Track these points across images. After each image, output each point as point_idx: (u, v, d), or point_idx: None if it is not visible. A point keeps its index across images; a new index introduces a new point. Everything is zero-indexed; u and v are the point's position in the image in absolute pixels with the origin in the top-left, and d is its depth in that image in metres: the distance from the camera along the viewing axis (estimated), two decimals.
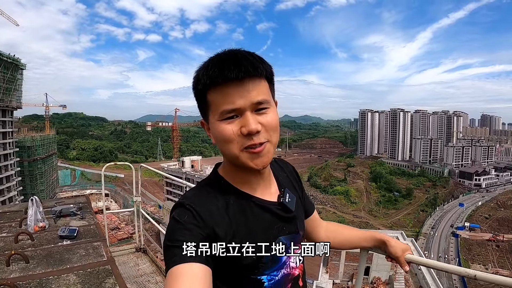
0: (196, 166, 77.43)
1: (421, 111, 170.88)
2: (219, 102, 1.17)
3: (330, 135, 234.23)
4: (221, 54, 1.20)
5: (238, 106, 1.15)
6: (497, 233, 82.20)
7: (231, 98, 1.15)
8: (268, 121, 1.19)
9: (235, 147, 1.18)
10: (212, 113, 1.20)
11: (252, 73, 1.16)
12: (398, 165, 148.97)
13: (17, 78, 64.94)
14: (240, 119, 1.17)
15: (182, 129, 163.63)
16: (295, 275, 1.35)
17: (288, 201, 1.36)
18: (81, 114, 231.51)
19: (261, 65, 1.19)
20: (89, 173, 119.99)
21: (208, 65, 1.18)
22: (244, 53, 1.20)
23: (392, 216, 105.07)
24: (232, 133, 1.16)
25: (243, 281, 1.22)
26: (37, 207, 4.26)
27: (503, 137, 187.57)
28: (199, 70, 1.21)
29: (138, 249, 5.99)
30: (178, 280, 1.00)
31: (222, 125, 1.17)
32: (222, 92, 1.15)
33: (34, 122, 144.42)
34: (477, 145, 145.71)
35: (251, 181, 1.31)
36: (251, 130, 1.14)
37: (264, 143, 1.19)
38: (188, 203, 1.18)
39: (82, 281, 2.89)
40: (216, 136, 1.21)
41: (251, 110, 1.17)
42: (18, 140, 67.96)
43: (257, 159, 1.20)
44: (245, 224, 1.22)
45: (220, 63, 1.15)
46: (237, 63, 1.14)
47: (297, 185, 1.55)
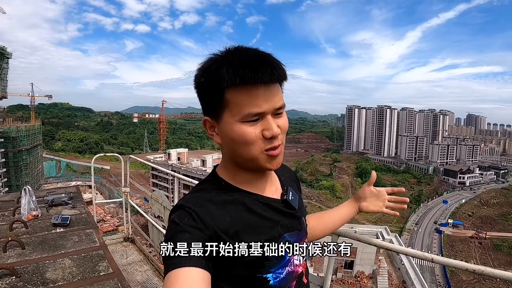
0: (183, 158, 77.13)
1: (408, 109, 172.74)
2: (243, 103, 1.13)
3: (317, 130, 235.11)
4: (246, 53, 1.16)
5: (264, 110, 1.14)
6: (480, 230, 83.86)
7: (258, 101, 1.13)
8: (283, 124, 1.20)
9: (256, 149, 1.17)
10: (231, 113, 1.15)
11: (280, 77, 1.16)
12: (384, 162, 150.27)
13: (2, 67, 63.99)
14: (262, 122, 1.15)
15: (169, 121, 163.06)
16: (299, 273, 1.35)
17: (291, 199, 1.36)
18: (67, 105, 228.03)
19: (285, 70, 1.19)
20: (75, 164, 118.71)
21: (234, 62, 1.12)
22: (269, 55, 1.17)
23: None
24: (255, 136, 1.15)
25: (249, 280, 1.20)
26: (30, 196, 4.37)
27: (488, 136, 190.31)
28: (220, 66, 1.13)
29: (126, 238, 6.10)
30: (175, 284, 0.98)
31: (243, 127, 1.15)
32: (249, 94, 1.12)
33: (19, 112, 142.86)
34: (462, 144, 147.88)
35: (254, 180, 1.30)
36: (275, 134, 1.15)
37: (280, 145, 1.20)
38: (188, 205, 1.15)
39: (77, 264, 3.05)
40: (233, 137, 1.17)
41: (272, 114, 1.17)
42: (3, 130, 66.77)
43: (274, 161, 1.21)
44: (249, 222, 1.21)
45: (251, 63, 1.11)
46: (269, 65, 1.12)
47: (296, 187, 1.55)
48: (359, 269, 27.80)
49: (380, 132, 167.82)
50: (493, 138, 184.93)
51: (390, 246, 2.08)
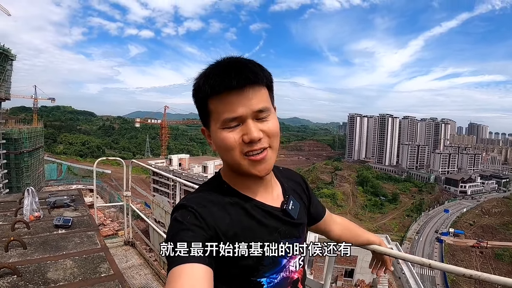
0: (184, 164, 77.06)
1: (410, 117, 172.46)
2: (220, 111, 1.18)
3: (318, 138, 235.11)
4: (221, 62, 1.21)
5: (240, 114, 1.16)
6: (481, 239, 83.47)
7: (232, 107, 1.16)
8: (269, 128, 1.21)
9: (237, 155, 1.20)
10: (214, 121, 1.22)
11: (252, 81, 1.17)
12: (385, 170, 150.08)
13: (6, 68, 64.25)
14: (242, 127, 1.18)
15: (171, 126, 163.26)
16: (294, 279, 1.37)
17: (291, 208, 1.38)
18: (69, 108, 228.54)
19: (261, 72, 1.21)
20: (76, 168, 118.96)
21: (208, 73, 1.19)
22: (244, 61, 1.21)
23: (378, 220, 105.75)
24: (234, 141, 1.18)
25: (243, 283, 1.23)
26: (32, 197, 4.39)
27: (490, 145, 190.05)
28: (199, 78, 1.22)
29: (127, 242, 6.09)
30: (179, 280, 1.00)
31: (223, 133, 1.19)
32: (223, 101, 1.16)
33: (22, 114, 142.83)
34: (463, 152, 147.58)
35: (253, 185, 1.32)
36: (253, 138, 1.17)
37: (265, 149, 1.21)
38: (190, 205, 1.18)
39: (78, 265, 3.06)
40: (218, 144, 1.22)
41: (253, 118, 1.18)
42: (5, 132, 67.17)
43: (259, 166, 1.22)
44: (248, 226, 1.24)
45: (221, 72, 1.16)
46: (238, 71, 1.15)
47: (303, 193, 1.58)
48: (359, 277, 27.69)
49: (382, 140, 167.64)
50: (494, 147, 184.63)
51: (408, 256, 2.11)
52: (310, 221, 1.61)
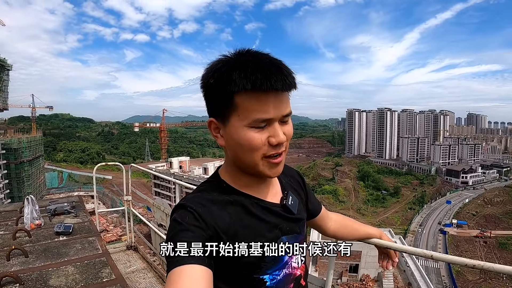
0: (184, 167, 77.13)
1: (408, 110, 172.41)
2: (252, 109, 1.13)
3: (317, 135, 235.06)
4: (259, 58, 1.15)
5: (272, 117, 1.14)
6: (484, 229, 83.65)
7: (267, 108, 1.13)
8: (289, 131, 1.21)
9: (259, 155, 1.17)
10: (239, 117, 1.15)
11: (292, 87, 1.16)
12: (386, 164, 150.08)
13: (3, 79, 64.35)
14: (268, 128, 1.16)
15: (170, 129, 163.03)
16: (296, 275, 1.36)
17: (290, 204, 1.37)
18: (67, 115, 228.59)
19: (295, 77, 1.18)
20: (77, 175, 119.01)
21: (246, 66, 1.11)
22: (281, 62, 1.18)
23: (380, 214, 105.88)
24: (261, 142, 1.15)
25: (245, 280, 1.22)
26: (33, 205, 4.40)
27: (489, 135, 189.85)
28: (231, 69, 1.12)
29: (129, 246, 6.11)
30: (178, 281, 0.99)
31: (251, 132, 1.15)
32: (260, 100, 1.12)
33: (20, 123, 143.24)
34: (463, 143, 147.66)
35: (254, 184, 1.32)
36: (281, 140, 1.16)
37: (283, 152, 1.21)
38: (189, 205, 1.17)
39: (80, 271, 3.07)
40: (239, 141, 1.17)
41: (279, 121, 1.17)
42: (4, 142, 67.03)
43: (274, 168, 1.22)
44: (248, 224, 1.23)
45: (264, 69, 1.11)
46: (282, 73, 1.12)
47: (300, 189, 1.58)
48: (364, 272, 27.64)
49: (381, 134, 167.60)
50: (494, 136, 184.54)
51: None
52: (307, 216, 1.58)
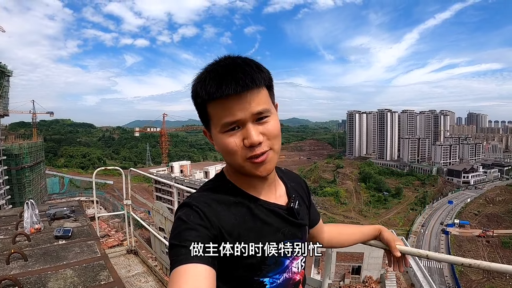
0: (185, 171, 77.23)
1: (408, 111, 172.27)
2: (219, 115, 1.16)
3: (318, 137, 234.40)
4: (217, 66, 1.18)
5: (239, 118, 1.15)
6: (487, 228, 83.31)
7: (231, 111, 1.14)
8: (269, 130, 1.20)
9: (239, 158, 1.19)
10: (214, 125, 1.20)
11: (250, 86, 1.14)
12: (387, 165, 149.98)
13: (3, 85, 64.34)
14: (242, 130, 1.17)
15: (171, 134, 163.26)
16: (296, 280, 1.36)
17: (297, 207, 1.37)
18: (68, 121, 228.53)
19: (259, 74, 1.18)
20: (78, 180, 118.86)
21: (205, 78, 1.16)
22: (241, 63, 1.18)
23: (382, 215, 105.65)
24: (235, 145, 1.17)
25: (246, 282, 1.22)
26: (32, 210, 4.44)
27: (490, 134, 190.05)
28: (196, 83, 1.20)
29: (129, 250, 6.11)
30: (181, 280, 1.00)
31: (224, 137, 1.18)
32: (222, 106, 1.14)
33: (21, 129, 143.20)
34: (464, 143, 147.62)
35: (256, 185, 1.32)
36: (253, 142, 1.15)
37: (267, 151, 1.20)
38: (195, 204, 1.17)
39: (78, 274, 3.11)
40: (220, 147, 1.22)
41: (252, 121, 1.17)
42: (5, 148, 67.23)
43: (260, 167, 1.21)
44: (252, 226, 1.23)
45: (218, 77, 1.13)
46: (235, 77, 1.13)
47: (305, 196, 1.58)
48: (367, 274, 27.63)
49: (382, 135, 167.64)
50: (495, 135, 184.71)
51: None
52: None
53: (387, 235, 1.86)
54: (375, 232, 1.91)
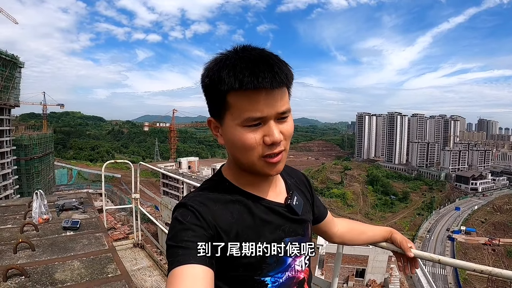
0: (193, 167, 77.65)
1: (418, 115, 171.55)
2: (244, 108, 1.09)
3: (327, 138, 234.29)
4: (249, 55, 1.10)
5: (265, 115, 1.10)
6: (493, 237, 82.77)
7: (259, 106, 1.08)
8: (287, 130, 1.16)
9: (255, 155, 1.14)
10: (232, 116, 1.12)
11: (284, 83, 1.11)
12: (395, 169, 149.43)
13: (15, 76, 64.78)
14: (263, 127, 1.12)
15: (180, 130, 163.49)
16: (300, 279, 1.32)
17: (295, 204, 1.34)
18: (78, 114, 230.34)
19: (289, 73, 1.14)
20: (86, 172, 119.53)
21: (235, 64, 1.08)
22: (273, 57, 1.12)
23: (389, 219, 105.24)
24: (255, 142, 1.11)
25: (246, 282, 1.19)
26: (41, 200, 4.43)
27: (500, 141, 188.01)
28: (220, 68, 1.10)
29: (136, 244, 6.12)
30: (178, 281, 0.98)
31: (244, 131, 1.12)
32: (250, 98, 1.08)
33: (31, 120, 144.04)
34: (474, 149, 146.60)
35: (257, 183, 1.29)
36: (276, 140, 1.11)
37: (282, 152, 1.17)
38: (191, 204, 1.14)
39: (86, 266, 3.09)
40: (234, 141, 1.15)
41: (275, 119, 1.13)
42: (15, 138, 67.73)
43: (274, 167, 1.18)
44: (251, 224, 1.20)
45: (252, 67, 1.06)
46: (271, 70, 1.07)
47: (307, 191, 1.54)
48: (371, 277, 27.51)
49: (391, 139, 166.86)
50: (505, 143, 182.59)
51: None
52: (313, 221, 1.55)
53: (399, 236, 1.85)
54: (386, 234, 1.88)
